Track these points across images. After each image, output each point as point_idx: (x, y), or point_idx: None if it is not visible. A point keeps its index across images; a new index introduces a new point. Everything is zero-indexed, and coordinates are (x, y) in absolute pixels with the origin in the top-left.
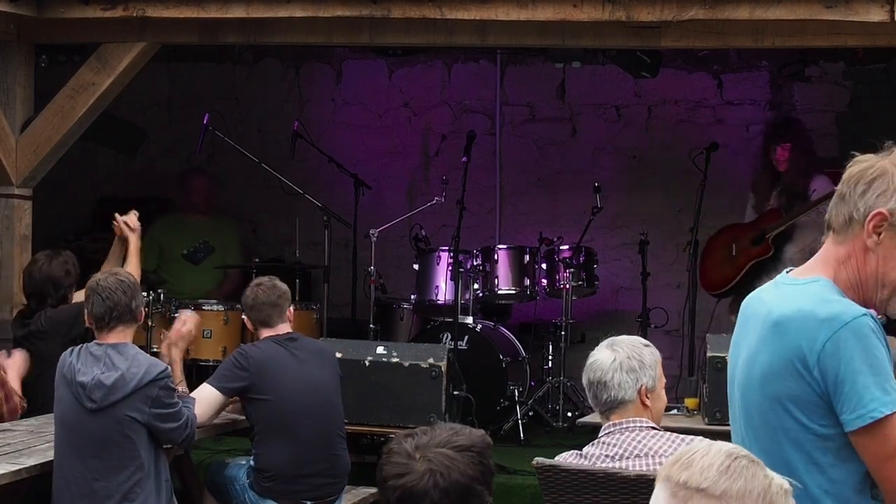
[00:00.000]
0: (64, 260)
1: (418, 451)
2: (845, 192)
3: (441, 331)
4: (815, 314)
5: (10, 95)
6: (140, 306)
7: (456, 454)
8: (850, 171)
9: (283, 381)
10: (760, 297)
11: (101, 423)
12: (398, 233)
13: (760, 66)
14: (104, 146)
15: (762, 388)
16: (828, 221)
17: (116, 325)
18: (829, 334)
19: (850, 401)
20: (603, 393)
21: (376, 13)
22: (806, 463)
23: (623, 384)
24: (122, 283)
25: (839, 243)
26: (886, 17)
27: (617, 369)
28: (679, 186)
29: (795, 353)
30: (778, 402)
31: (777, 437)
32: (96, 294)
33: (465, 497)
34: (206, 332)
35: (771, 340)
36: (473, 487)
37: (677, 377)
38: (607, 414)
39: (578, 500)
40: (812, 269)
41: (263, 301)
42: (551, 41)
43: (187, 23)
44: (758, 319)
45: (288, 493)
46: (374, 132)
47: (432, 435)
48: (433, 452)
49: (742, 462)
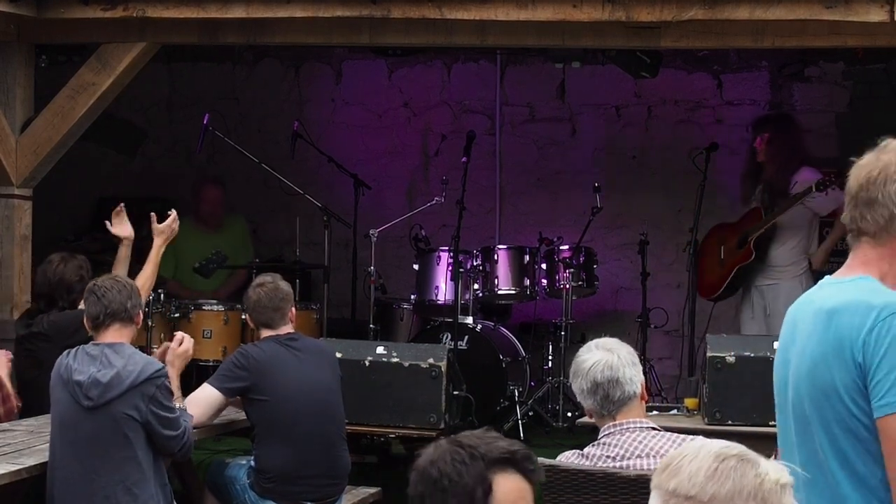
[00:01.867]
0: (79, 265)
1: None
2: (875, 195)
3: (441, 331)
4: (868, 301)
5: (10, 95)
6: (137, 308)
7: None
8: (866, 173)
9: (284, 381)
10: (809, 299)
11: (98, 422)
12: (398, 233)
13: (760, 67)
14: (104, 146)
15: (812, 379)
16: (856, 227)
17: (112, 324)
18: (879, 318)
19: (883, 387)
20: (616, 390)
21: (376, 13)
22: (862, 453)
23: (633, 378)
24: (119, 283)
25: (880, 245)
26: (886, 17)
27: (626, 365)
28: (679, 186)
29: (846, 337)
30: (830, 390)
31: (831, 428)
32: (92, 294)
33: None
34: (206, 332)
35: (821, 329)
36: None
37: (677, 377)
38: (613, 414)
39: (578, 500)
40: (853, 269)
41: (265, 304)
42: (551, 41)
43: (187, 23)
44: (807, 318)
45: (288, 494)
46: (374, 132)
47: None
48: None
49: (730, 463)
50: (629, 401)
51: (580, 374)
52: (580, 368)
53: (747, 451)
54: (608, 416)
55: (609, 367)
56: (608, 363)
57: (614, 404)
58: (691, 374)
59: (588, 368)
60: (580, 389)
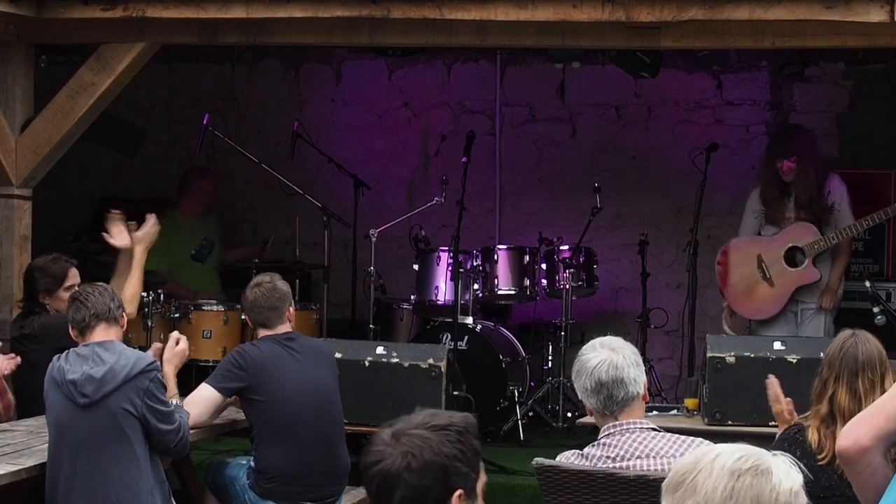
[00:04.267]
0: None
1: (393, 437)
2: None
3: (441, 331)
4: None
5: (10, 95)
6: (121, 310)
7: (431, 434)
8: None
9: (283, 381)
10: None
11: (94, 418)
12: (398, 233)
13: (760, 67)
14: (104, 146)
15: None
16: None
17: (98, 324)
18: None
19: None
20: (620, 390)
21: (376, 13)
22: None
23: (637, 379)
24: (98, 288)
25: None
26: (886, 17)
27: (630, 365)
28: (679, 186)
29: None
30: None
31: None
32: (74, 301)
33: (444, 476)
34: (206, 332)
35: None
36: (452, 466)
37: (677, 377)
38: (615, 414)
39: (578, 500)
40: None
41: (262, 304)
42: (551, 41)
43: (187, 23)
44: None
45: (288, 494)
46: (374, 132)
47: (409, 420)
48: (408, 435)
49: (746, 480)
50: (632, 401)
51: (584, 373)
52: (584, 367)
53: (759, 459)
54: (610, 416)
55: (614, 367)
56: (613, 363)
57: (617, 404)
58: (691, 374)
59: (593, 367)
60: (583, 388)
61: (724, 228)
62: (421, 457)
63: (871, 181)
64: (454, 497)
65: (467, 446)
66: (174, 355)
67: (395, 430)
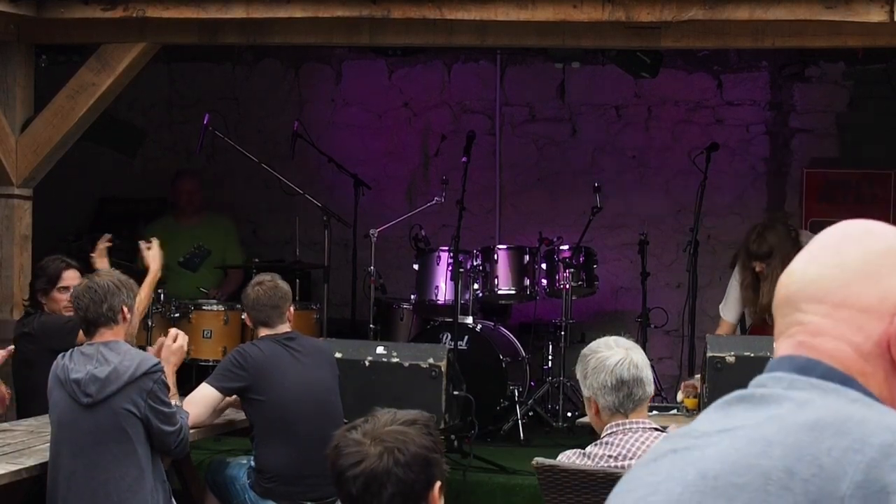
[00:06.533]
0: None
1: (367, 437)
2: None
3: (441, 331)
4: None
5: (10, 95)
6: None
7: (406, 428)
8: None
9: (283, 381)
10: None
11: (97, 418)
12: (398, 233)
13: (760, 67)
14: (104, 146)
15: None
16: None
17: (97, 330)
18: None
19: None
20: (639, 389)
21: (376, 13)
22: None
23: (651, 380)
24: (91, 288)
25: None
26: (886, 17)
27: (646, 366)
28: (679, 186)
29: None
30: None
31: None
32: (73, 304)
33: (426, 467)
34: (206, 332)
35: None
36: (432, 457)
37: (677, 377)
38: (627, 412)
39: (578, 500)
40: None
41: (264, 302)
42: (551, 41)
43: (187, 23)
44: None
45: (288, 494)
46: (374, 132)
47: (375, 420)
48: (383, 433)
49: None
50: (645, 401)
51: (603, 370)
52: (603, 364)
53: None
54: (621, 414)
55: (635, 366)
56: (633, 362)
57: (634, 403)
58: (691, 374)
59: (613, 365)
60: (602, 385)
61: (724, 228)
62: (407, 451)
63: (871, 181)
64: (436, 488)
65: (437, 439)
66: (172, 353)
67: (365, 430)
